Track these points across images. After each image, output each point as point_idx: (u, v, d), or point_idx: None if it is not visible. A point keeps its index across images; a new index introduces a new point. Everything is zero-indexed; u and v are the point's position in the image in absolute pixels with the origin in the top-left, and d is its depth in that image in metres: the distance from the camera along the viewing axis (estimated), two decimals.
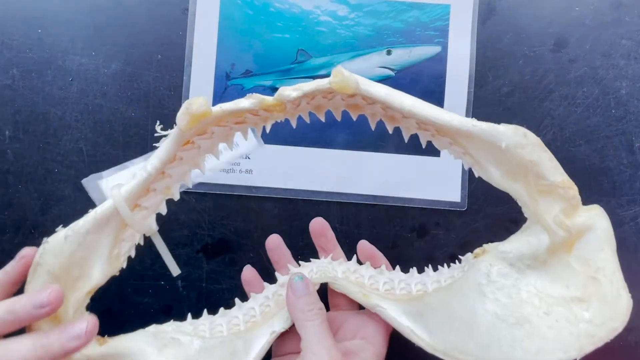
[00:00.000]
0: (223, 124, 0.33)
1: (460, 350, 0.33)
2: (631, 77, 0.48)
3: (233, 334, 0.36)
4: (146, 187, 0.33)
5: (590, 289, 0.32)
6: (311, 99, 0.32)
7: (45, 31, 0.48)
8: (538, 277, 0.33)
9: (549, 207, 0.31)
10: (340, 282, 0.38)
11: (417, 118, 0.32)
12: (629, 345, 0.48)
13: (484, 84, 0.48)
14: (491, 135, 0.31)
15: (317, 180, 0.48)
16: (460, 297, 0.34)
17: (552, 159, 0.31)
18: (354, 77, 0.30)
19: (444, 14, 0.48)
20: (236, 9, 0.48)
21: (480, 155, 0.32)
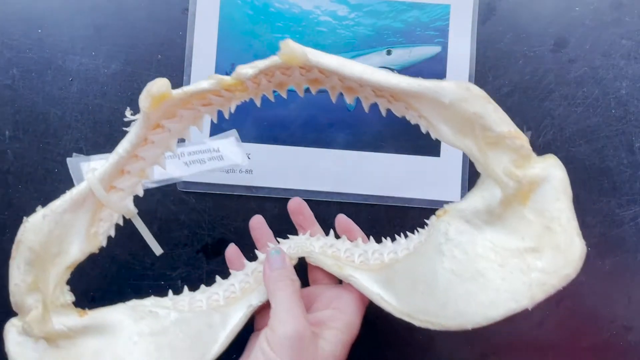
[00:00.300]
0: (190, 106, 0.34)
1: (423, 311, 0.33)
2: (631, 77, 0.48)
3: (212, 308, 0.37)
4: (119, 169, 0.34)
5: (544, 239, 0.31)
6: (270, 76, 0.33)
7: (45, 31, 0.48)
8: (494, 231, 0.33)
9: (498, 160, 0.31)
10: (316, 256, 0.39)
11: (368, 84, 0.32)
12: (629, 345, 0.48)
13: (484, 84, 0.48)
14: (435, 92, 0.31)
15: (317, 180, 0.48)
16: (422, 260, 0.35)
17: (498, 110, 0.31)
18: (302, 49, 0.30)
19: (444, 14, 0.48)
20: (236, 9, 0.48)
21: (432, 115, 0.32)
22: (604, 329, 0.48)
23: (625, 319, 0.48)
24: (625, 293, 0.48)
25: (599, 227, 0.48)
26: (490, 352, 0.48)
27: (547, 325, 0.48)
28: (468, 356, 0.48)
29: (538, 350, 0.48)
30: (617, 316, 0.48)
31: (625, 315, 0.48)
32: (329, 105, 0.48)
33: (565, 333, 0.48)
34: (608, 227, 0.48)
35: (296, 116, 0.48)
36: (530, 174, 0.31)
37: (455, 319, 0.32)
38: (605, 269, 0.48)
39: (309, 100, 0.48)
